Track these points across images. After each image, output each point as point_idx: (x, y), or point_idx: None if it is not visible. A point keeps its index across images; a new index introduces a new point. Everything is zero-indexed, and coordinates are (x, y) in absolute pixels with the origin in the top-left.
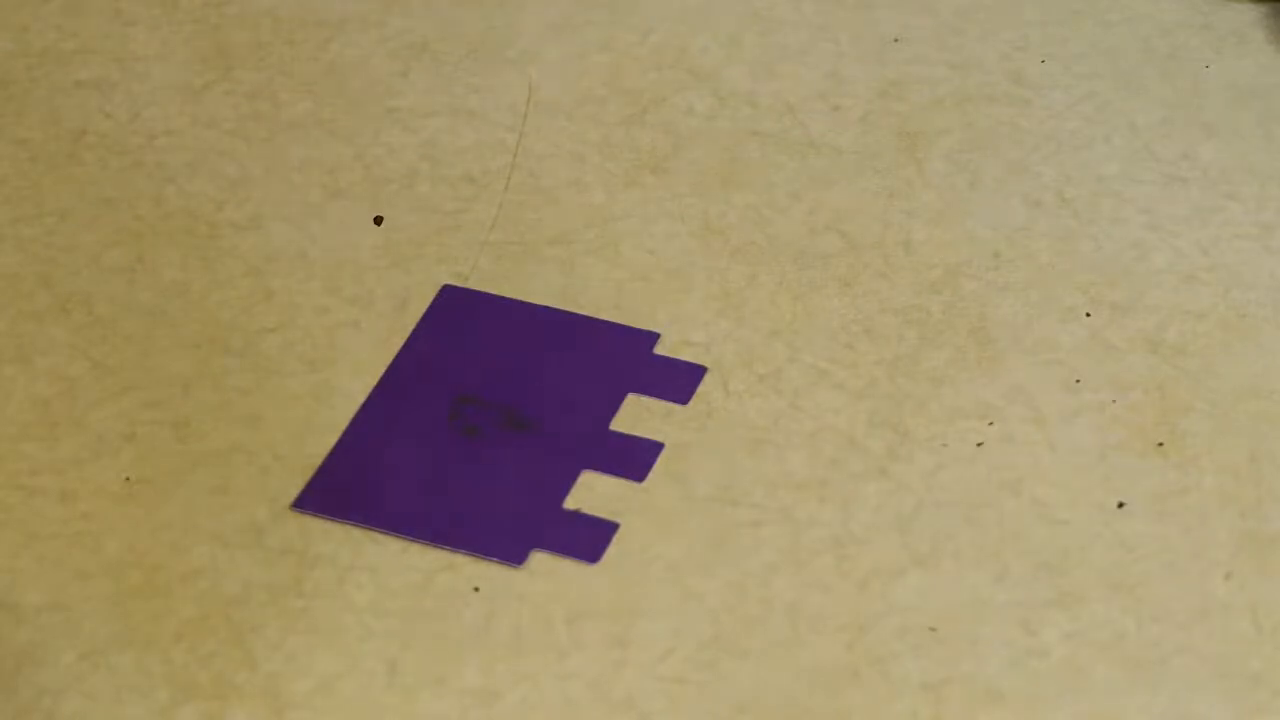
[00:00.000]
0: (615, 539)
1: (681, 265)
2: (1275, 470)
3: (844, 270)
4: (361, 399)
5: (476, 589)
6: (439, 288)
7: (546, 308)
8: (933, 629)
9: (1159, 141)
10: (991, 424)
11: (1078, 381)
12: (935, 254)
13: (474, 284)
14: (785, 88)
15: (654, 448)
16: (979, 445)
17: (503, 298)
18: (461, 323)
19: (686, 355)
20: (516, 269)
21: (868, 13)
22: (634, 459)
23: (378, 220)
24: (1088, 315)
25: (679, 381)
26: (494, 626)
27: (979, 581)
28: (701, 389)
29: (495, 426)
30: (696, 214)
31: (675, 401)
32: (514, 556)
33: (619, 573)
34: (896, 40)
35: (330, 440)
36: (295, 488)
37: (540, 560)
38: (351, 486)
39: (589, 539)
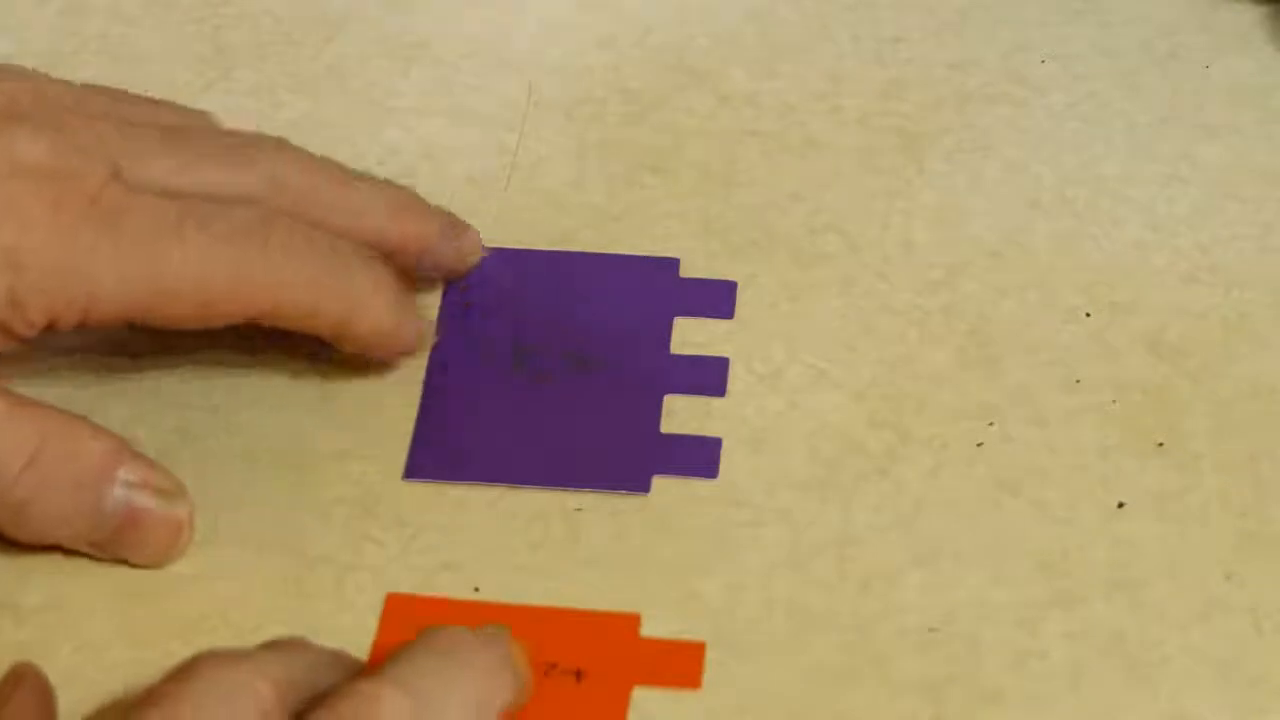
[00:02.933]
0: (609, 540)
1: (680, 265)
2: (1276, 470)
3: (844, 270)
4: (363, 400)
5: (476, 589)
6: (439, 289)
7: (561, 252)
8: (933, 629)
9: (1159, 142)
10: (991, 424)
11: (1078, 381)
12: (935, 254)
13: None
14: (785, 87)
15: (721, 364)
16: (979, 445)
17: (515, 249)
18: (488, 279)
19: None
20: None
21: (868, 12)
22: (706, 377)
23: None
24: (1088, 315)
25: (715, 298)
26: None
27: (979, 582)
28: None
29: (562, 369)
30: (696, 214)
31: (721, 317)
32: (640, 486)
33: (618, 573)
34: (897, 40)
35: (331, 440)
36: (295, 487)
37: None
38: (457, 448)
39: (701, 457)
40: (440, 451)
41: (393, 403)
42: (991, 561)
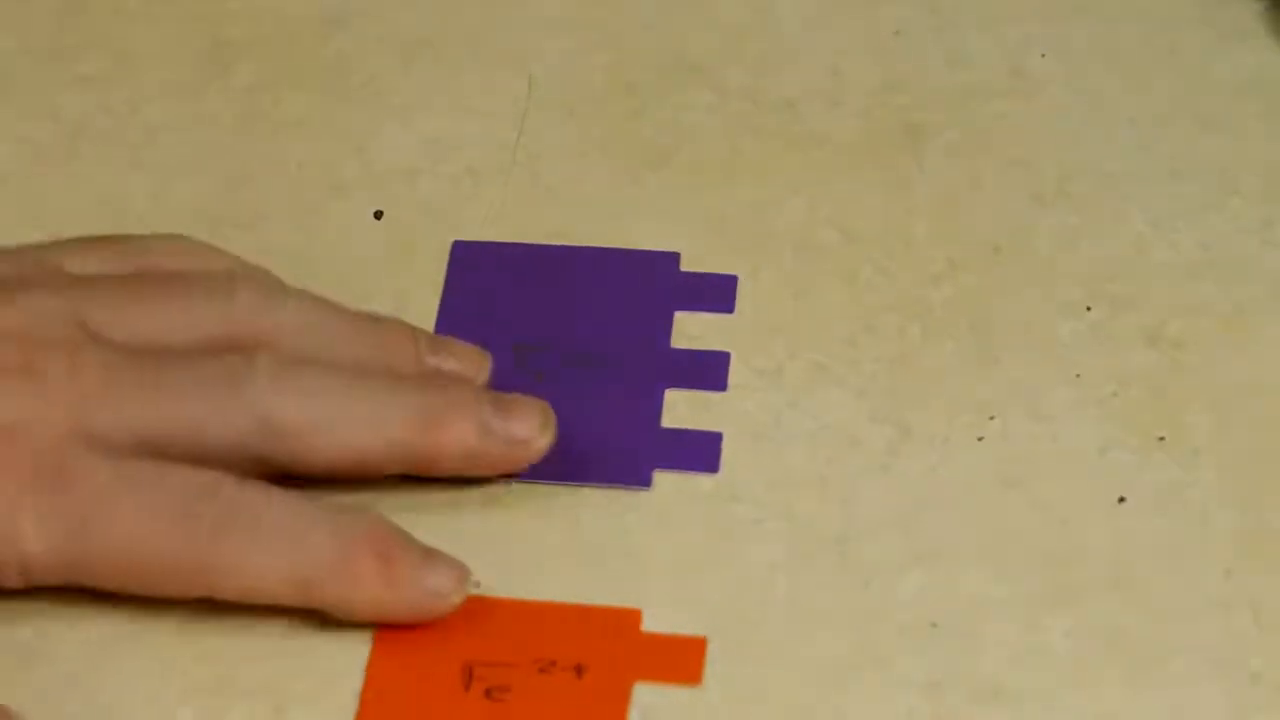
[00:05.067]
0: (610, 536)
1: (681, 259)
2: (1276, 466)
3: (844, 265)
4: None
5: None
6: (439, 287)
7: (562, 246)
8: (934, 625)
9: (1160, 137)
10: (992, 419)
11: (1078, 376)
12: (936, 249)
13: None
14: (785, 82)
15: (721, 358)
16: (980, 440)
17: (516, 244)
18: (486, 274)
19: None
20: None
21: (868, 7)
22: (707, 371)
23: (378, 215)
24: (1088, 310)
25: (716, 292)
26: None
27: (980, 578)
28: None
29: (561, 366)
30: (697, 209)
31: (721, 311)
32: (640, 480)
33: (619, 568)
34: (897, 34)
35: None
36: (296, 484)
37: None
38: None
39: (702, 451)
40: None
41: None
42: (992, 557)
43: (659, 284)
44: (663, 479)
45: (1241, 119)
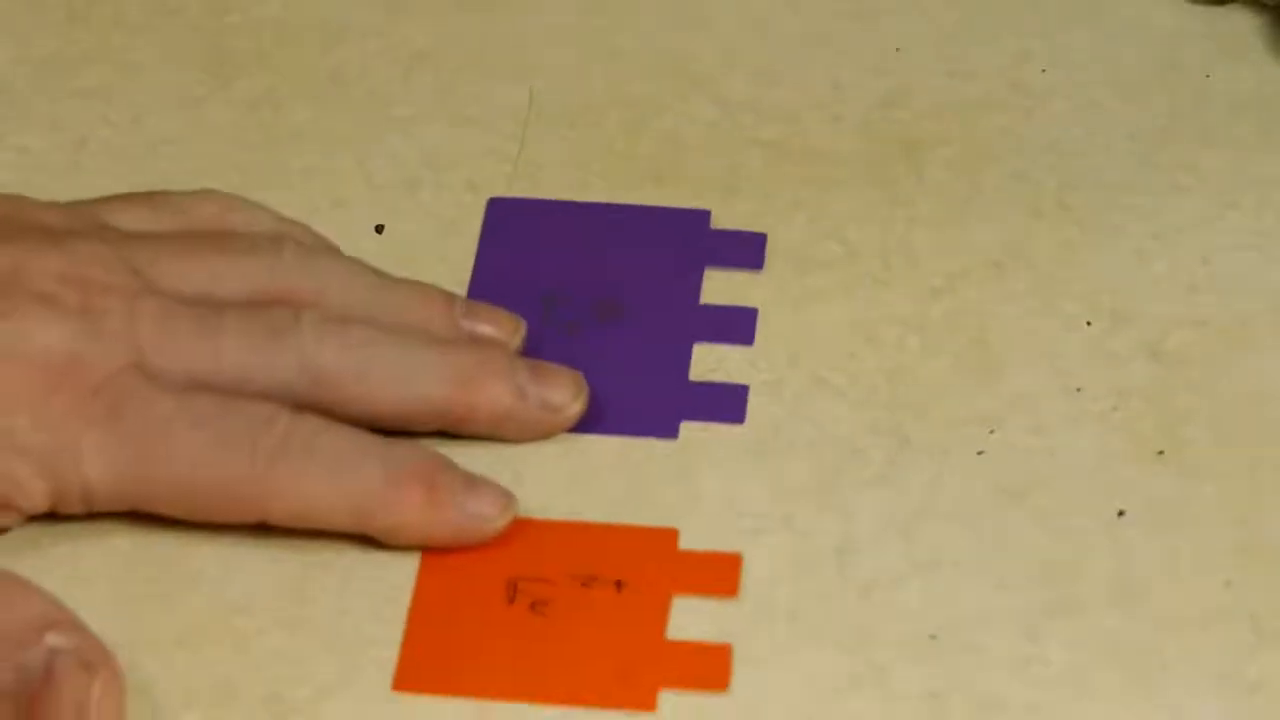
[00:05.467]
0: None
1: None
2: (1275, 478)
3: (845, 278)
4: None
5: None
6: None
7: (592, 204)
8: (933, 637)
9: (1159, 150)
10: (992, 432)
11: (1078, 390)
12: (936, 262)
13: None
14: (786, 96)
15: (749, 314)
16: (980, 453)
17: (551, 200)
18: (521, 229)
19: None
20: None
21: (868, 22)
22: (736, 327)
23: (379, 229)
24: (1088, 324)
25: (746, 249)
26: None
27: (980, 589)
28: None
29: (591, 318)
30: None
31: (751, 268)
32: (668, 432)
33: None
34: (897, 49)
35: None
36: None
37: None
38: None
39: (729, 402)
40: None
41: None
42: (992, 569)
43: (690, 241)
44: (689, 427)
45: (1241, 132)
